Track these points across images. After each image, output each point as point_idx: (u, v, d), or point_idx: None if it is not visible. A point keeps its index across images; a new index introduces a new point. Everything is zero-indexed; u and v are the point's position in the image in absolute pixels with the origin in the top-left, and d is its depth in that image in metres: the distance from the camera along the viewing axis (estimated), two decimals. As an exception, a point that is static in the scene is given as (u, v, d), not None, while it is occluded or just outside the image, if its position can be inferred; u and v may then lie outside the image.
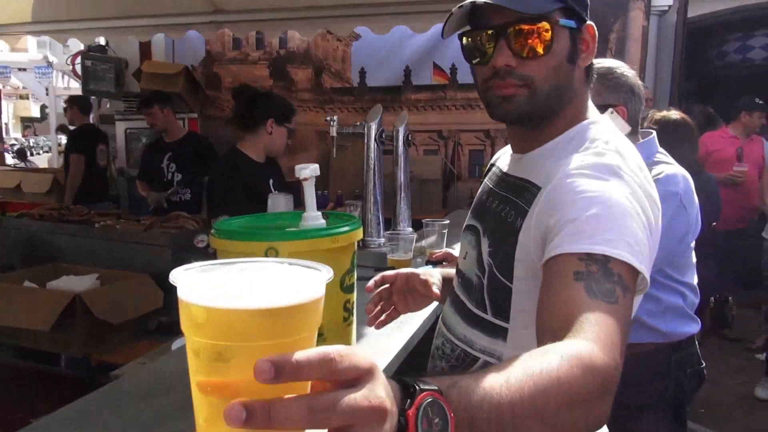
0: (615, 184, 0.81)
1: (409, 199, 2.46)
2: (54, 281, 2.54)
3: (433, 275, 1.15)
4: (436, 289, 1.09)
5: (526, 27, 0.87)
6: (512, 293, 0.91)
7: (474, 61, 0.95)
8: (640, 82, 1.65)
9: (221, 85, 5.50)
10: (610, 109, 1.58)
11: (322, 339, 1.09)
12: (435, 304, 1.28)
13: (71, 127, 5.07)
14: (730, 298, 4.41)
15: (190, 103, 5.18)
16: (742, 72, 6.14)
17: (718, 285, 4.14)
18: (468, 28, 0.95)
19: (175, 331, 2.13)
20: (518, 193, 0.94)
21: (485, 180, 1.11)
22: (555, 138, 0.94)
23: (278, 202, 1.84)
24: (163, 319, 2.50)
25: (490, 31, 0.90)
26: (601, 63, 1.62)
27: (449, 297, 1.11)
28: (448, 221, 2.18)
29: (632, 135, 1.60)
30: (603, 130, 0.93)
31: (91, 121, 5.37)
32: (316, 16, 4.01)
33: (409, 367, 1.35)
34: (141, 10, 4.18)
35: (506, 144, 1.09)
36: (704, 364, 1.74)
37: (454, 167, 4.94)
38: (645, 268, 0.77)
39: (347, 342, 1.13)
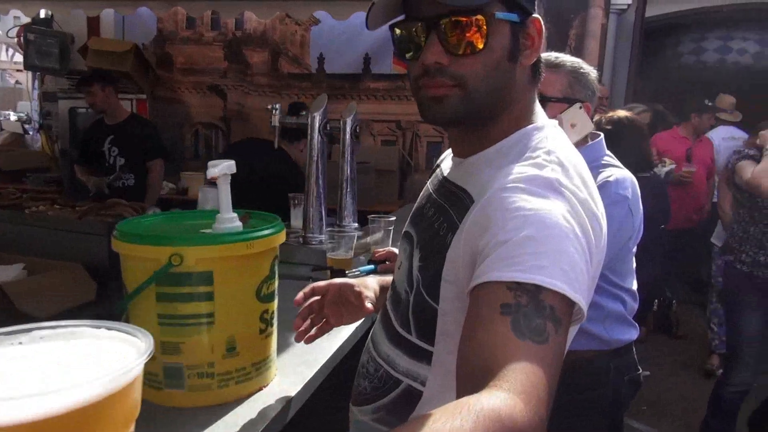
0: (553, 201, 0.73)
1: (355, 192, 2.37)
2: (-25, 271, 2.38)
3: (369, 286, 1.07)
4: (369, 304, 1.01)
5: (460, 19, 0.78)
6: (437, 315, 0.83)
7: (407, 56, 0.86)
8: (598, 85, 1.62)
9: (173, 65, 5.29)
10: (579, 104, 1.54)
11: (234, 353, 1.02)
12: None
13: None
14: (674, 302, 4.50)
15: (139, 83, 4.95)
16: (695, 73, 6.26)
17: (663, 285, 4.23)
18: (401, 17, 0.86)
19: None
20: (452, 203, 0.86)
21: (428, 183, 1.02)
22: (496, 143, 0.86)
23: (209, 197, 1.71)
24: (98, 312, 2.37)
25: (420, 24, 0.82)
26: (565, 57, 1.57)
27: (381, 309, 1.03)
28: (393, 218, 2.11)
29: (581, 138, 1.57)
30: (547, 138, 0.84)
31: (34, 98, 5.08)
32: (273, -2, 3.88)
33: (336, 383, 1.27)
34: (87, -18, 3.96)
35: None
36: (641, 370, 1.73)
37: (412, 159, 4.88)
38: (582, 298, 0.69)
39: (264, 355, 1.05)
